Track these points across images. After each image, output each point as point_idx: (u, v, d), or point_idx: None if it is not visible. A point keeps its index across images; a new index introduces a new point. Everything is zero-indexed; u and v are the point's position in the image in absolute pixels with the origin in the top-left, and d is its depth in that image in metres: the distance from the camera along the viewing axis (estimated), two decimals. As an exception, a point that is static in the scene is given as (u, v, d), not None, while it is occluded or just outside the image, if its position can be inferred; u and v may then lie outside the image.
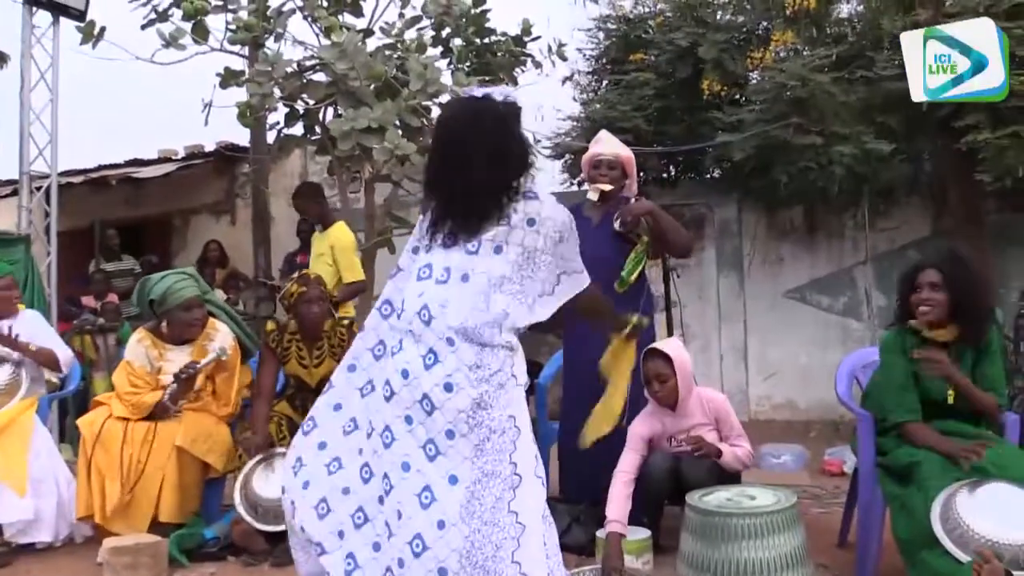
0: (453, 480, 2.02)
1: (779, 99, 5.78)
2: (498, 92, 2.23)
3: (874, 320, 6.46)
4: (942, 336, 2.81)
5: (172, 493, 3.44)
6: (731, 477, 3.18)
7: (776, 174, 5.91)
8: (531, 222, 2.15)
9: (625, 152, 3.68)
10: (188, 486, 3.52)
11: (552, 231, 2.18)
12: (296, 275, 3.82)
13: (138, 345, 3.70)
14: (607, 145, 3.68)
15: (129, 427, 3.52)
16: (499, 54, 6.05)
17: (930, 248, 2.97)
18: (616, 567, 2.88)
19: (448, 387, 2.03)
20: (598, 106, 6.84)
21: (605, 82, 7.48)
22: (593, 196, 3.57)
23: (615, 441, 3.45)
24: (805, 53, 6.18)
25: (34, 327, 3.95)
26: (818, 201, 6.33)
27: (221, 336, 3.75)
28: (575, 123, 7.11)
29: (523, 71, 6.19)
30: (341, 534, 2.18)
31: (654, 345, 3.26)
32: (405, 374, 2.07)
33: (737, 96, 6.68)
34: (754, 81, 6.51)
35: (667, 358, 3.20)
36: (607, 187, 3.56)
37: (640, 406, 3.31)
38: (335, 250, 4.79)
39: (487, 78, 5.79)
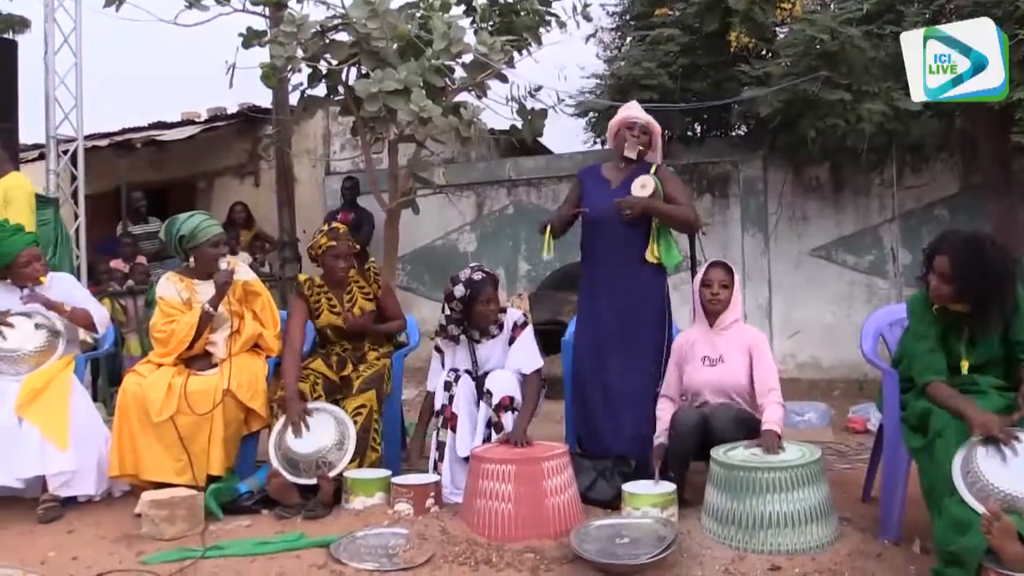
0: None
1: (808, 52, 5.66)
2: None
3: (900, 278, 6.41)
4: (958, 308, 2.81)
5: (219, 447, 3.55)
6: (759, 432, 3.16)
7: (803, 129, 5.83)
8: None
9: (655, 122, 3.80)
10: (231, 439, 3.62)
11: None
12: (326, 227, 3.89)
13: (167, 283, 3.86)
14: (640, 112, 3.80)
15: (170, 384, 3.60)
16: (523, 13, 5.98)
17: (950, 234, 2.93)
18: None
19: None
20: (622, 63, 6.74)
21: (629, 39, 7.37)
22: (631, 153, 3.67)
23: (637, 395, 3.52)
24: (833, 7, 6.04)
25: (68, 289, 4.03)
26: (845, 158, 6.24)
27: (241, 267, 3.93)
28: (599, 81, 7.03)
29: (547, 31, 6.12)
30: None
31: (717, 259, 3.53)
32: None
33: (764, 52, 6.56)
34: (782, 36, 6.39)
35: (729, 269, 3.44)
36: (640, 148, 3.68)
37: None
38: (11, 198, 4.57)
39: (511, 38, 5.73)
